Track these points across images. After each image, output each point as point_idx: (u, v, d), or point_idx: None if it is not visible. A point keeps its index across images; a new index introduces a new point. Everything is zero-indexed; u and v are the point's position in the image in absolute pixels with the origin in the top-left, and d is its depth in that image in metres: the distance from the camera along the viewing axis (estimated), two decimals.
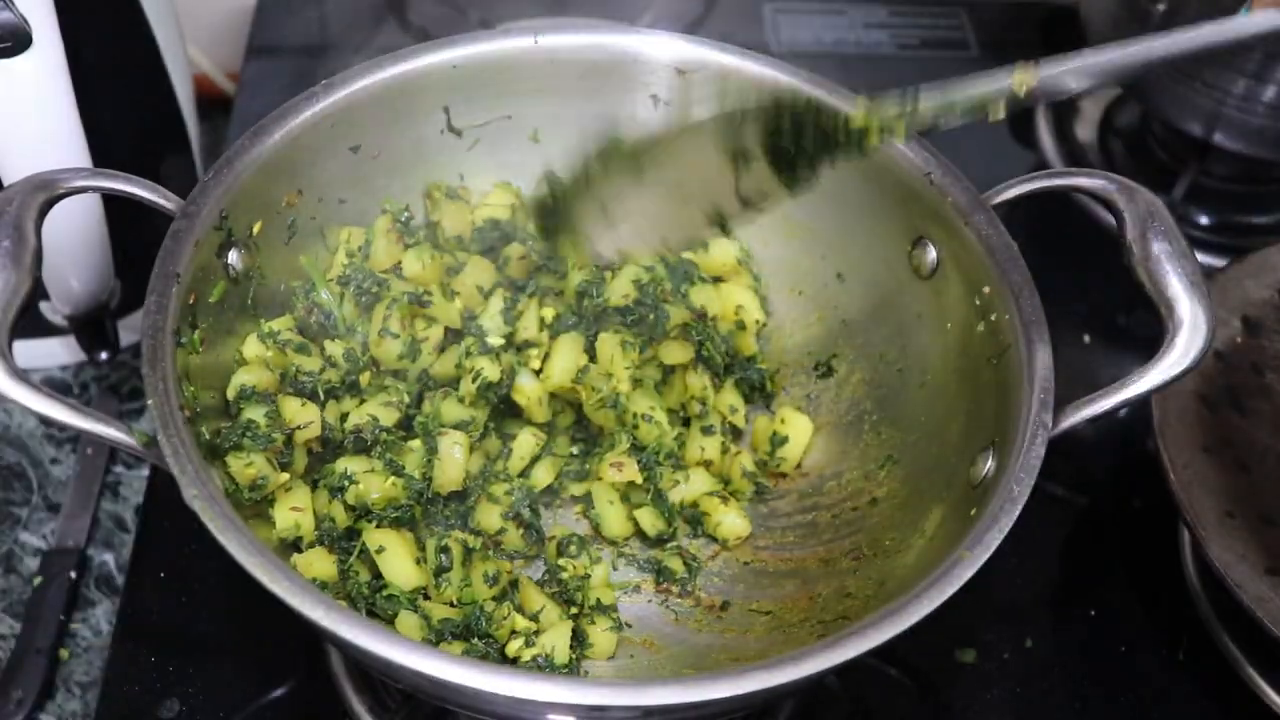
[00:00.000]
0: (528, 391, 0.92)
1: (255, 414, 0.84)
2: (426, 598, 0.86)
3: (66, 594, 1.00)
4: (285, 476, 0.85)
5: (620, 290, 0.94)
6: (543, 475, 0.94)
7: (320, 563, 0.85)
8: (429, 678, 0.65)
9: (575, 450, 0.97)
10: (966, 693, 0.95)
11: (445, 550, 0.85)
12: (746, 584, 0.93)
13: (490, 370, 0.91)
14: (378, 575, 0.85)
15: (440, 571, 0.85)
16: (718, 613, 0.91)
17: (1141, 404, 0.83)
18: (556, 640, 0.84)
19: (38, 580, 1.01)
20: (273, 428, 0.84)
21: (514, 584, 0.89)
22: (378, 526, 0.86)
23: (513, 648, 0.84)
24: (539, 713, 0.68)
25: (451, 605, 0.85)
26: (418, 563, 0.85)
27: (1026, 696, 0.95)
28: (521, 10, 1.36)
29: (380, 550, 0.85)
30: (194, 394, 0.79)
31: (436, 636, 0.83)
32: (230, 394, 0.85)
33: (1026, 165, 1.36)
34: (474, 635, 0.84)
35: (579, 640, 0.86)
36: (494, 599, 0.86)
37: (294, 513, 0.85)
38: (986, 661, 0.97)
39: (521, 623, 0.86)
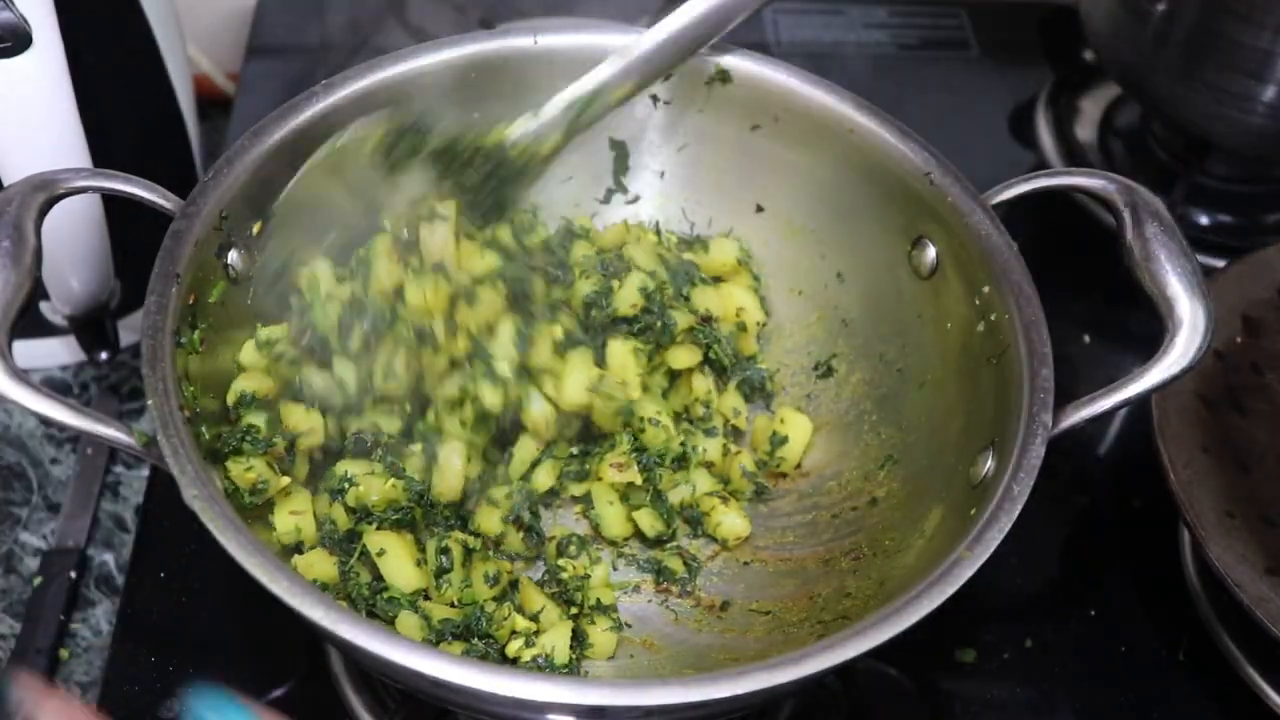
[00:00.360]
0: (537, 416, 0.91)
1: (255, 419, 0.84)
2: (427, 598, 0.86)
3: (66, 594, 1.00)
4: (286, 480, 0.85)
5: (629, 299, 0.94)
6: (543, 478, 0.93)
7: (321, 564, 0.85)
8: (429, 678, 0.65)
9: (575, 451, 0.97)
10: (966, 693, 0.95)
11: (445, 551, 0.85)
12: (746, 584, 0.93)
13: (491, 399, 0.88)
14: (378, 577, 0.85)
15: (441, 573, 0.85)
16: (718, 613, 0.91)
17: (1141, 404, 0.83)
18: (557, 640, 0.84)
19: (38, 580, 1.01)
20: (273, 432, 0.84)
21: (514, 584, 0.89)
22: (378, 529, 0.86)
23: (513, 648, 0.84)
24: (539, 713, 0.68)
25: (452, 606, 0.85)
26: (418, 564, 0.85)
27: (1026, 696, 0.95)
28: (522, 10, 1.37)
29: (381, 553, 0.85)
30: (194, 394, 0.79)
31: (437, 637, 0.83)
32: (230, 399, 0.85)
33: (1026, 165, 1.36)
34: (474, 636, 0.84)
35: (579, 640, 0.86)
36: (494, 599, 0.86)
37: (294, 516, 0.85)
38: (986, 661, 0.96)
39: (522, 623, 0.86)
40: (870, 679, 0.95)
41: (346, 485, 0.86)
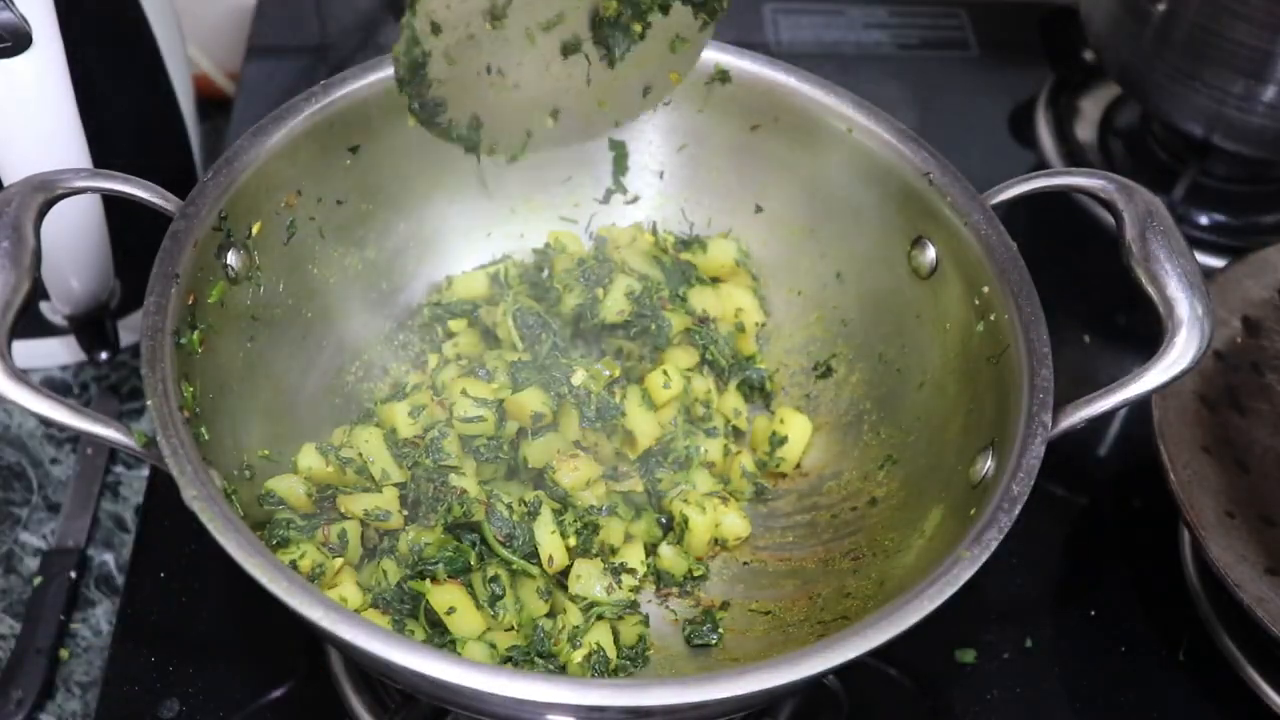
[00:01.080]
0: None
1: (285, 515, 0.85)
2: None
3: (66, 594, 1.00)
4: (340, 562, 0.85)
5: (615, 306, 0.94)
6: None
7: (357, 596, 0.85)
8: (428, 678, 0.65)
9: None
10: (966, 693, 0.95)
11: (495, 580, 0.85)
12: (746, 584, 0.93)
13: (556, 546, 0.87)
14: (433, 624, 0.84)
15: (494, 600, 0.84)
16: (718, 613, 0.91)
17: (1141, 404, 0.83)
18: (601, 637, 0.85)
19: (38, 580, 1.01)
20: (307, 526, 0.85)
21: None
22: (434, 582, 0.84)
23: (570, 656, 0.84)
24: (538, 713, 0.68)
25: (510, 630, 0.85)
26: (479, 607, 0.85)
27: (1026, 696, 0.95)
28: None
29: (450, 611, 0.83)
30: (193, 394, 0.79)
31: (504, 662, 0.83)
32: (263, 488, 0.85)
33: (1026, 165, 1.36)
34: (539, 657, 0.83)
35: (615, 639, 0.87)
36: (548, 615, 0.86)
37: (337, 590, 0.85)
38: (986, 661, 0.96)
39: (575, 617, 0.86)
40: (870, 679, 0.95)
41: (412, 549, 0.85)
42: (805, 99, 0.96)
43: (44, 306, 1.08)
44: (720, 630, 0.89)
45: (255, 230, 0.87)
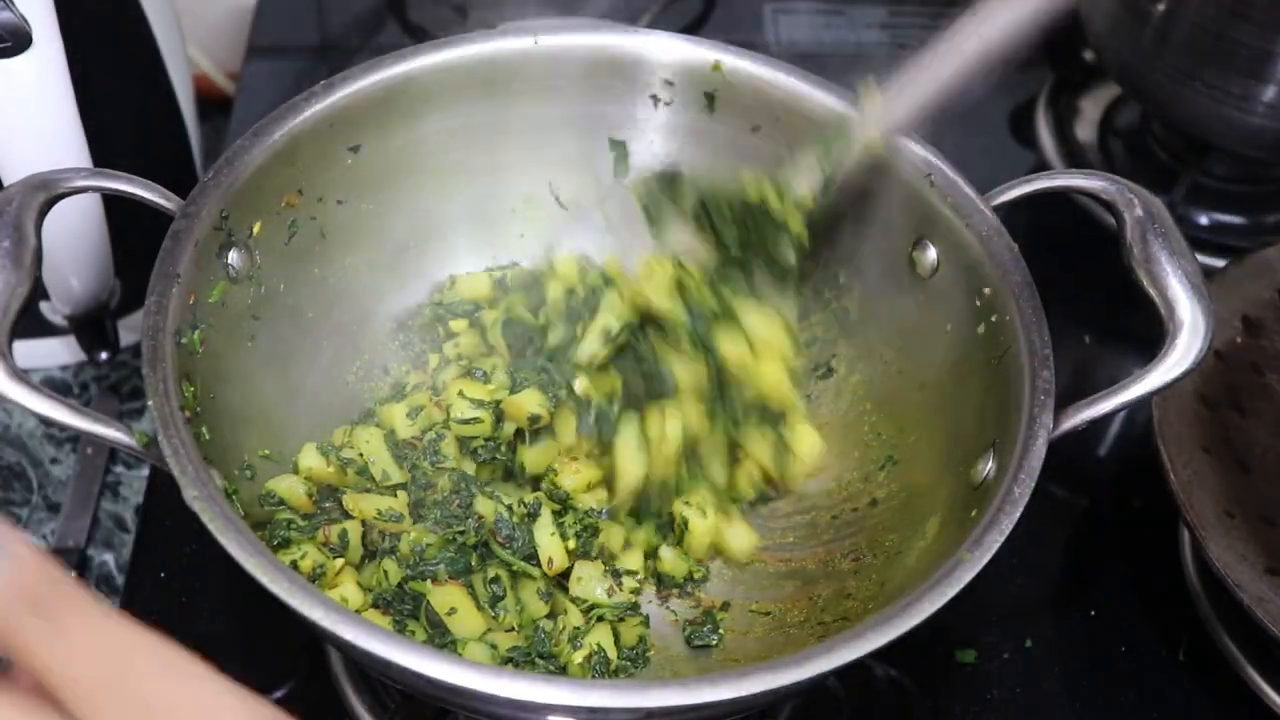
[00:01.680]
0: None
1: (285, 515, 0.85)
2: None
3: None
4: (340, 562, 0.85)
5: (588, 350, 0.91)
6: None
7: (358, 596, 0.85)
8: (429, 679, 0.65)
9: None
10: (966, 693, 0.95)
11: (495, 580, 0.85)
12: (746, 585, 0.93)
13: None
14: (434, 624, 0.84)
15: (495, 601, 0.84)
16: (718, 614, 0.91)
17: (1141, 404, 0.83)
18: (601, 638, 0.85)
19: None
20: (308, 526, 0.85)
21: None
22: (435, 583, 0.84)
23: (571, 657, 0.84)
24: (539, 714, 0.68)
25: (511, 631, 0.85)
26: (479, 608, 0.85)
27: (1026, 696, 0.95)
28: (522, 11, 1.36)
29: (451, 612, 0.83)
30: (194, 394, 0.79)
31: (505, 663, 0.83)
32: (264, 488, 0.85)
33: (1026, 166, 1.36)
34: (539, 658, 0.84)
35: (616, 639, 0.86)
36: (548, 616, 0.86)
37: (338, 590, 0.85)
38: (986, 662, 0.97)
39: (576, 618, 0.86)
40: (871, 679, 0.95)
41: (414, 550, 0.85)
42: (806, 99, 0.96)
43: (44, 306, 1.08)
44: (720, 631, 0.89)
45: (256, 230, 0.87)
